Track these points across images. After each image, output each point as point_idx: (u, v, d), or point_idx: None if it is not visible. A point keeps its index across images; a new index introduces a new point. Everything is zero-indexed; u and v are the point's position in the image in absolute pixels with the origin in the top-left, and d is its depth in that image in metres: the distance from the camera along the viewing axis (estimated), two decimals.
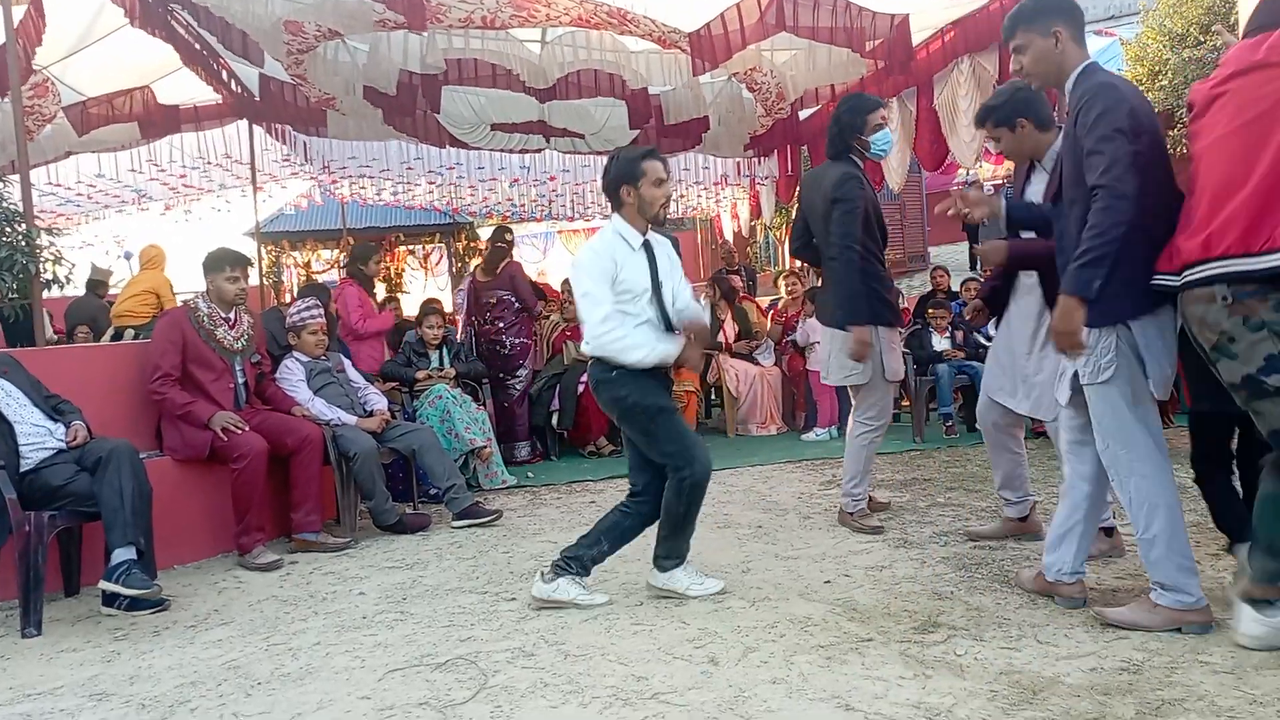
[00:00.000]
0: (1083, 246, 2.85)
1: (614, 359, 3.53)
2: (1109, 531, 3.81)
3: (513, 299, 7.45)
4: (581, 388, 7.26)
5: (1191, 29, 10.01)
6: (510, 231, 8.09)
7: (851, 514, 4.53)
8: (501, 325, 7.37)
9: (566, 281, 8.91)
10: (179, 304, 6.63)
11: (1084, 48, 3.08)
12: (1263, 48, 2.59)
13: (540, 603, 3.58)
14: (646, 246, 3.63)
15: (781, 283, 9.55)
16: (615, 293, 3.54)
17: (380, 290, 16.22)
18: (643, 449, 3.64)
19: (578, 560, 3.64)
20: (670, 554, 3.66)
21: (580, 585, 3.62)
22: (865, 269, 4.32)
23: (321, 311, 5.53)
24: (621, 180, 3.61)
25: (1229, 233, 2.61)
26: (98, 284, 9.57)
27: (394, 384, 6.46)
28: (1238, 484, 3.43)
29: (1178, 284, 2.78)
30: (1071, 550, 3.22)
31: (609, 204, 3.72)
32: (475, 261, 11.23)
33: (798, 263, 8.82)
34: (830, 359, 4.54)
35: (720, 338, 8.40)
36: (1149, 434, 2.97)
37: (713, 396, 9.06)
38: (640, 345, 3.52)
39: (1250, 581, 2.77)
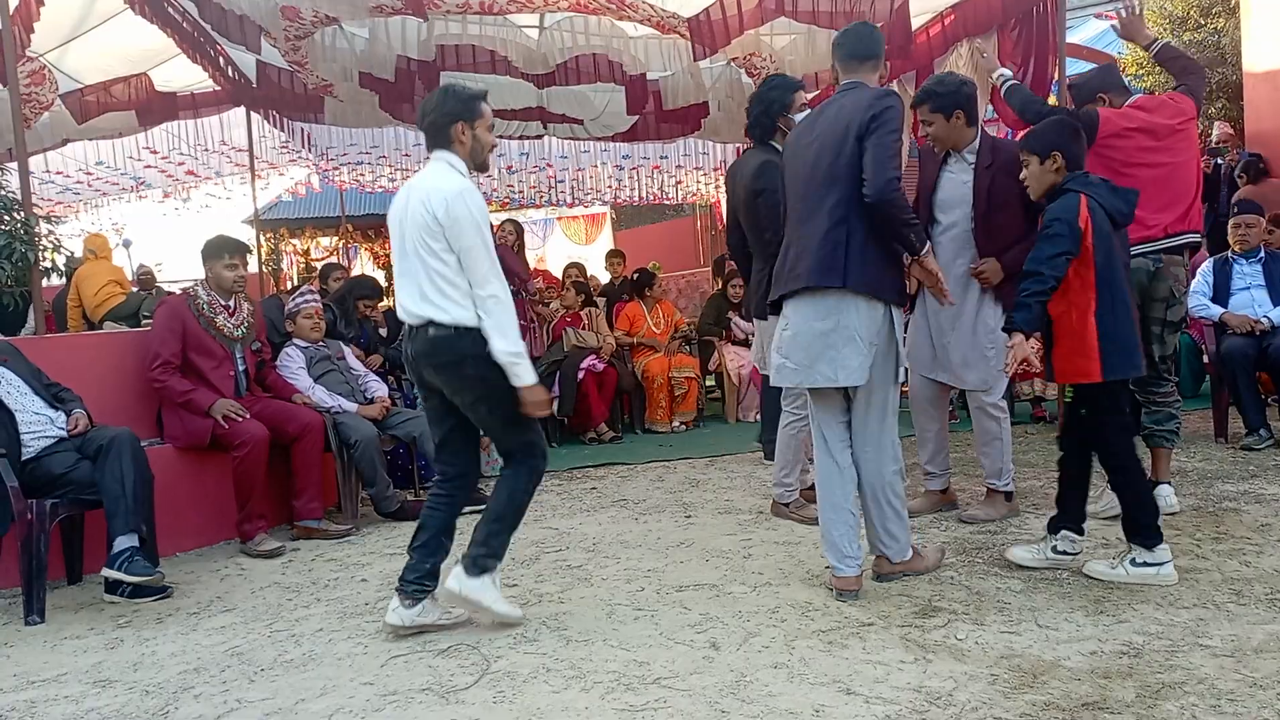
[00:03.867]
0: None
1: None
2: (1008, 496, 4.26)
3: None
4: (582, 374, 7.26)
5: (1192, 12, 9.98)
6: (515, 223, 8.09)
7: (786, 505, 4.52)
8: None
9: (567, 269, 8.92)
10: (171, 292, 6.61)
11: (851, 74, 3.44)
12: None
13: (405, 631, 3.25)
14: None
15: None
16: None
17: (380, 277, 16.23)
18: (494, 433, 3.33)
19: (432, 576, 3.30)
20: (496, 552, 3.26)
21: (439, 606, 3.31)
22: None
23: (317, 297, 5.52)
24: (458, 116, 3.23)
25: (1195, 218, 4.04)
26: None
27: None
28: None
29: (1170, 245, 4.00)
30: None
31: (430, 139, 3.27)
32: None
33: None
34: (761, 351, 4.58)
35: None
36: None
37: (712, 383, 9.06)
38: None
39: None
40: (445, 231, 3.10)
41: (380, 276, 16.22)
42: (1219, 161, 8.08)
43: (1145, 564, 3.26)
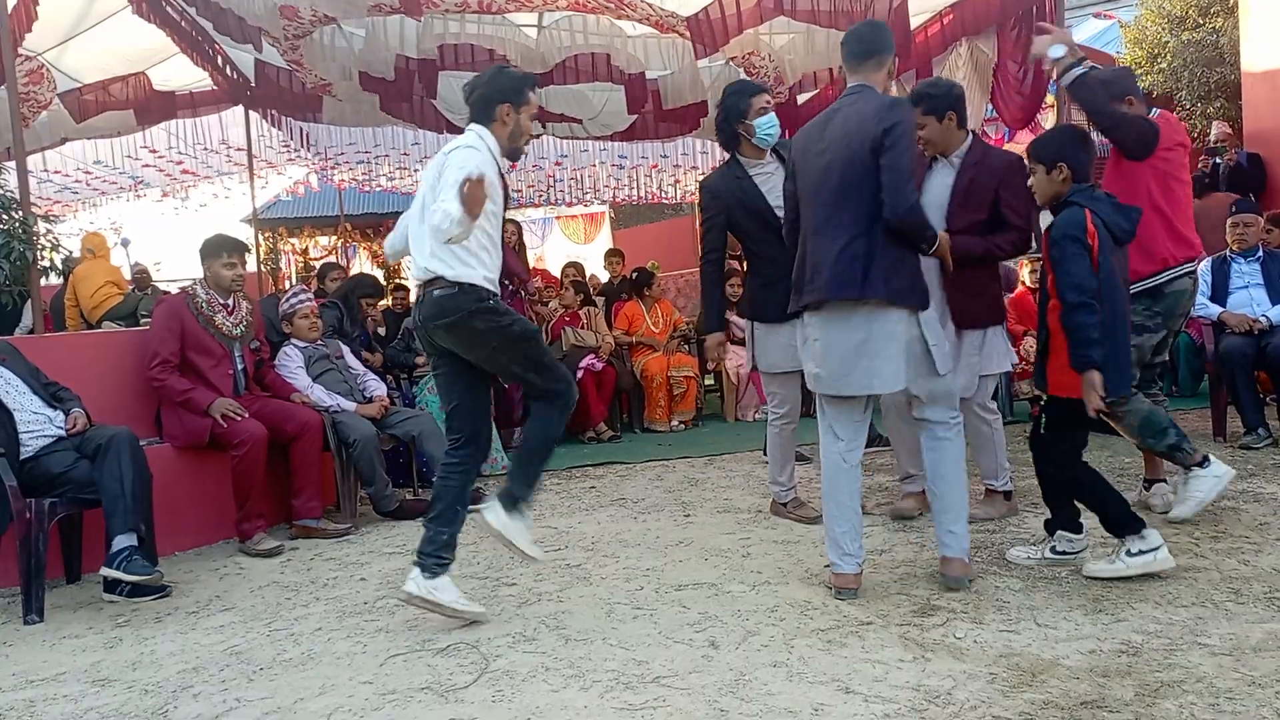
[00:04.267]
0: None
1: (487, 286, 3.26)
2: (1008, 494, 4.27)
3: (506, 282, 7.43)
4: (581, 373, 7.25)
5: (1190, 11, 9.97)
6: (515, 223, 8.08)
7: (785, 504, 4.52)
8: None
9: (565, 268, 8.92)
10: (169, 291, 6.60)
11: (858, 76, 3.38)
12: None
13: (421, 603, 3.29)
14: None
15: None
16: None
17: (379, 276, 16.23)
18: (520, 377, 3.42)
19: (449, 546, 3.36)
20: (530, 482, 3.41)
21: (456, 587, 3.37)
22: (716, 275, 4.42)
23: (311, 296, 5.52)
24: (506, 98, 3.33)
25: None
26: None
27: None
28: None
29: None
30: None
31: (473, 113, 3.36)
32: None
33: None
34: (753, 351, 4.57)
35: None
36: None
37: (711, 382, 9.05)
38: None
39: None
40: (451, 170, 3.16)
41: (380, 275, 16.27)
42: (1217, 161, 8.09)
43: (1141, 551, 3.25)
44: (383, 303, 8.37)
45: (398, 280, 9.56)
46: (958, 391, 3.59)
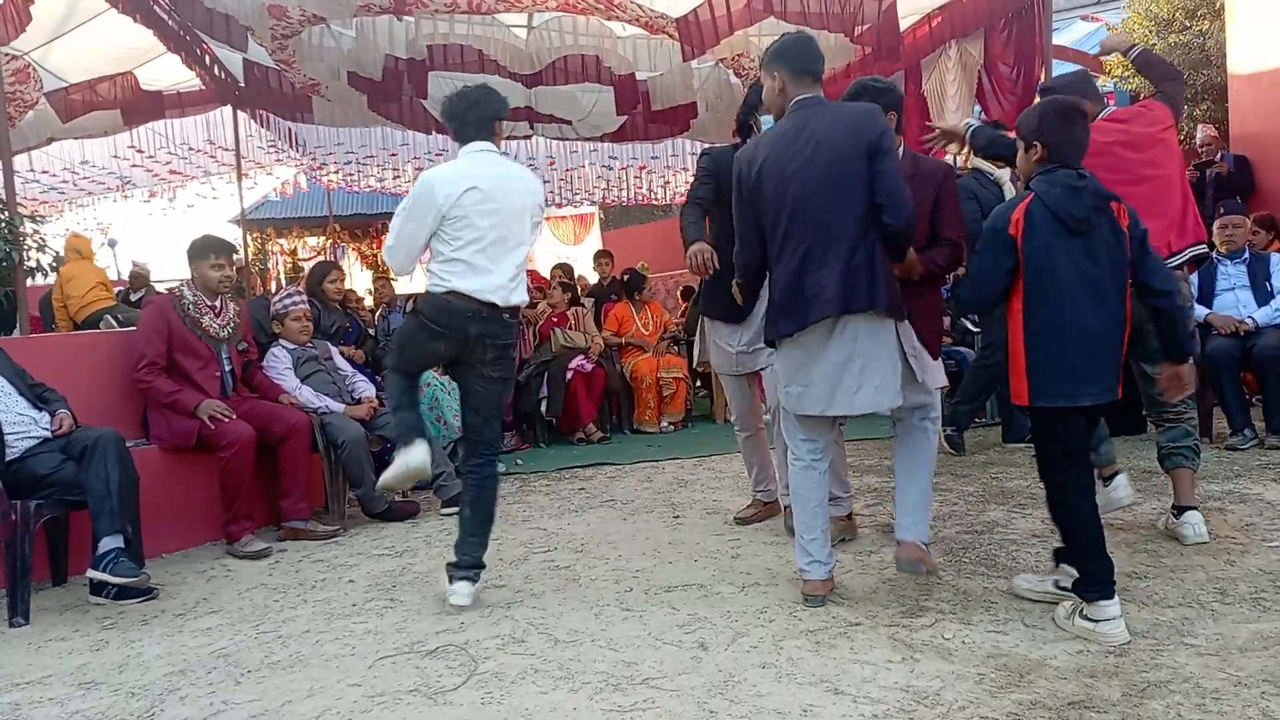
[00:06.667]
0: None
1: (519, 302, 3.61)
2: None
3: None
4: (570, 375, 7.25)
5: (1177, 14, 10.01)
6: None
7: (766, 504, 4.50)
8: None
9: (555, 269, 8.91)
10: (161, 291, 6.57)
11: (805, 89, 3.29)
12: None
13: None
14: None
15: None
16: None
17: (367, 276, 16.19)
18: (496, 411, 3.70)
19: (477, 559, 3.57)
20: (478, 562, 3.58)
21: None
22: (697, 213, 4.18)
23: (304, 298, 5.50)
24: (499, 114, 3.68)
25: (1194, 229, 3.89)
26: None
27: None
28: None
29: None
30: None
31: (475, 132, 3.59)
32: None
33: None
34: (705, 346, 4.58)
35: None
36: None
37: (698, 384, 9.06)
38: None
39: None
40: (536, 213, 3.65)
41: (368, 277, 16.23)
42: (1206, 172, 8.10)
43: (1093, 620, 2.84)
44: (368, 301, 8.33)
45: (387, 278, 9.51)
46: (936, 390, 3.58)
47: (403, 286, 10.84)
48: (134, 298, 8.94)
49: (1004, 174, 5.43)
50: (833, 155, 3.13)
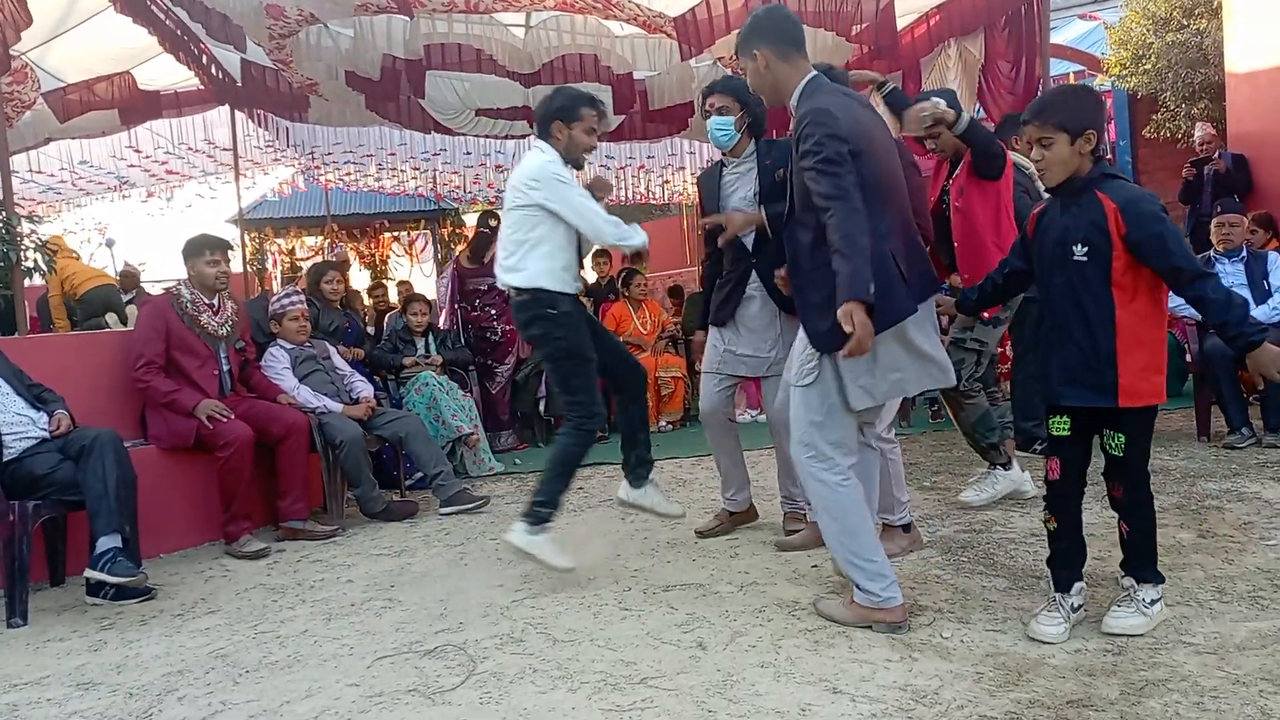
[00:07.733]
0: (839, 263, 2.72)
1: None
2: (906, 527, 3.80)
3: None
4: None
5: (1175, 13, 10.01)
6: (496, 216, 8.04)
7: (731, 515, 4.40)
8: (493, 312, 7.33)
9: None
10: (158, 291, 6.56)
11: (797, 65, 3.00)
12: None
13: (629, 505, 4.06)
14: None
15: None
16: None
17: (366, 277, 16.17)
18: (557, 388, 3.92)
19: (644, 463, 4.00)
20: (551, 500, 3.72)
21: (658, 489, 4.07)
22: (708, 273, 4.28)
23: (303, 298, 5.50)
24: (557, 116, 3.74)
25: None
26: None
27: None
28: None
29: None
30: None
31: (536, 130, 3.84)
32: (460, 248, 11.18)
33: None
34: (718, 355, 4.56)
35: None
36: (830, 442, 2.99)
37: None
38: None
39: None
40: (529, 193, 3.65)
41: (366, 276, 16.22)
42: (1203, 169, 8.11)
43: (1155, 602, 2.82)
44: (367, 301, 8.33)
45: (384, 281, 9.52)
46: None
47: (392, 292, 10.84)
48: (125, 298, 8.95)
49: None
50: (890, 143, 3.07)
